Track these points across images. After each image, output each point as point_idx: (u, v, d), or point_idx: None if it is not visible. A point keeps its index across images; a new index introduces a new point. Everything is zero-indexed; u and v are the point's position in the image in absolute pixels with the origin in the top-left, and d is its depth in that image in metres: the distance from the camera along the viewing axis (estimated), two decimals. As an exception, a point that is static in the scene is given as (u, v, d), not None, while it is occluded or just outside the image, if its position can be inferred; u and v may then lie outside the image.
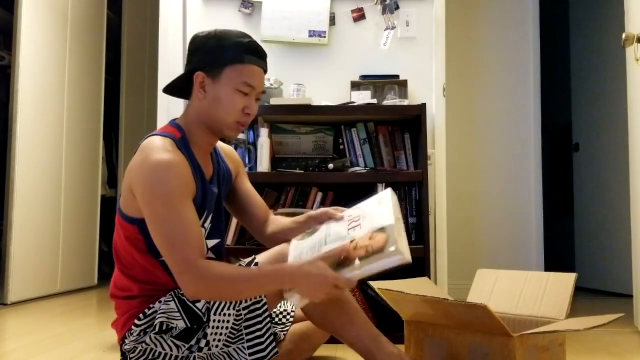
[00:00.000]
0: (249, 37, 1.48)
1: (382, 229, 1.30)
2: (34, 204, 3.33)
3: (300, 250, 1.34)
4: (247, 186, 1.69)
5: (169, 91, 1.56)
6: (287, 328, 1.67)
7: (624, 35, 2.25)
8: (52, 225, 3.54)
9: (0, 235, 3.33)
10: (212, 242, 1.55)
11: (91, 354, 1.96)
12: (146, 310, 1.43)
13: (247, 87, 1.44)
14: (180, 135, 1.45)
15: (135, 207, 1.40)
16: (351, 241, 1.33)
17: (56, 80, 3.57)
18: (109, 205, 4.53)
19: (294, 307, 1.71)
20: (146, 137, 1.45)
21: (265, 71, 1.50)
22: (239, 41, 1.45)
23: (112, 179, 4.61)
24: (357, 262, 1.29)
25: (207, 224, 1.51)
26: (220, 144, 1.66)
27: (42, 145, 3.42)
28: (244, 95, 1.45)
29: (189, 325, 1.41)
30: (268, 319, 1.43)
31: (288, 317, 1.69)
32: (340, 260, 1.31)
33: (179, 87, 1.54)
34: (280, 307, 1.72)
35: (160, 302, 1.43)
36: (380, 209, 1.34)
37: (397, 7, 2.61)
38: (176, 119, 1.53)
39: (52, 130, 3.52)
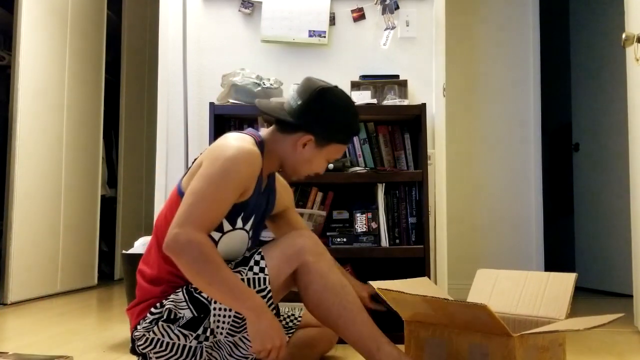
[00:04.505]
0: (356, 114, 1.61)
1: None
2: (34, 204, 3.33)
3: None
4: (295, 218, 1.85)
5: (262, 112, 1.63)
6: (292, 331, 1.69)
7: (624, 35, 2.25)
8: (52, 225, 3.54)
9: (0, 235, 3.33)
10: None
11: (91, 354, 1.96)
12: (164, 300, 1.47)
13: (335, 159, 1.67)
14: (259, 140, 1.55)
15: None
16: None
17: (56, 80, 3.57)
18: (109, 205, 4.53)
19: (301, 312, 1.74)
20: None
21: None
22: (350, 124, 1.59)
23: (112, 179, 4.61)
24: None
25: (250, 229, 1.57)
26: (278, 177, 1.77)
27: (42, 145, 3.42)
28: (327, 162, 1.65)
29: (195, 314, 1.44)
30: (272, 307, 1.45)
31: (295, 321, 1.72)
32: None
33: (273, 115, 1.60)
34: (288, 311, 1.75)
35: (176, 293, 1.47)
36: None
37: (397, 7, 2.61)
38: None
39: (52, 131, 3.52)
